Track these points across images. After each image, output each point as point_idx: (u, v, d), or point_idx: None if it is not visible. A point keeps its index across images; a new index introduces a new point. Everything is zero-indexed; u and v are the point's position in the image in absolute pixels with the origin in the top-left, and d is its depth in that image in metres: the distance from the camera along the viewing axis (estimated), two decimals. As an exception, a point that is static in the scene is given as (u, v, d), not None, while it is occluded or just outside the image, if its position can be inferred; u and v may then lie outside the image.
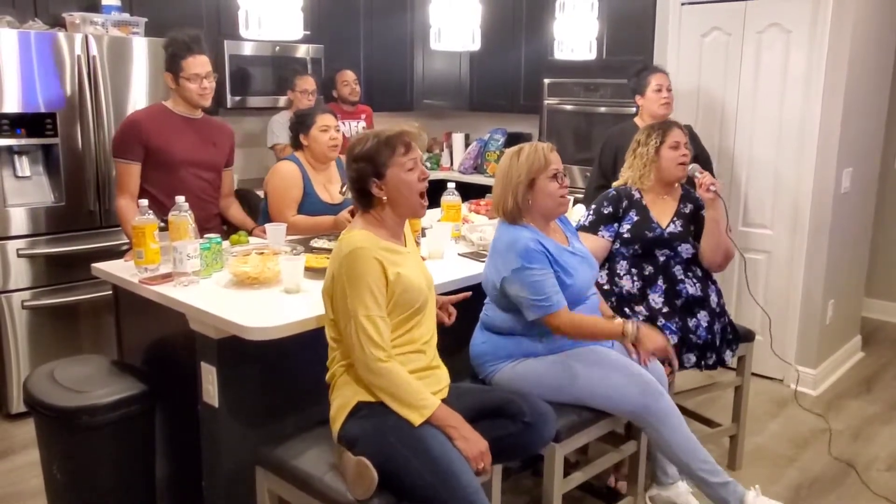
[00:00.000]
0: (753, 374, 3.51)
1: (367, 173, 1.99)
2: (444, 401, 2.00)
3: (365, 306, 1.89)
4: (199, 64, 2.89)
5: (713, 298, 2.75)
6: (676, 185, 2.83)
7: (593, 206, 2.84)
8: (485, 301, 2.46)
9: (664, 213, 2.78)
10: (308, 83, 4.35)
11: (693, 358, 2.65)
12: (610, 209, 2.78)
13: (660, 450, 2.36)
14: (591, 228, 2.78)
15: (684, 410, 3.05)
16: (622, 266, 2.75)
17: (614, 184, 2.90)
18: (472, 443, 1.92)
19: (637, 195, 2.79)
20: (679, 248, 2.73)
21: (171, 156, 2.92)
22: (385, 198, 2.00)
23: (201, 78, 2.90)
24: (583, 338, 2.31)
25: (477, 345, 2.44)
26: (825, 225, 3.76)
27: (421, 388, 1.94)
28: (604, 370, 2.30)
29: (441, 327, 2.20)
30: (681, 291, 2.69)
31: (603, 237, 2.76)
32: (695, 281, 2.72)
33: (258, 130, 4.55)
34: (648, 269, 2.72)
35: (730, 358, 2.77)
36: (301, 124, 3.17)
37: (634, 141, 2.84)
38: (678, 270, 2.72)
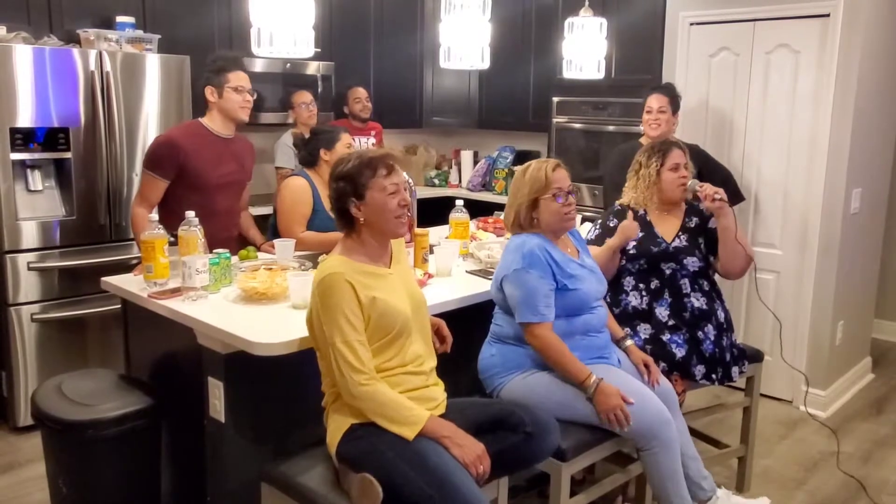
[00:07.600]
0: (762, 394, 3.49)
1: (346, 192, 1.99)
2: (444, 415, 2.00)
3: (341, 332, 1.88)
4: (244, 78, 2.97)
5: (719, 313, 2.74)
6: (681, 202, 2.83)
7: (599, 221, 2.86)
8: (493, 312, 2.47)
9: (669, 229, 2.78)
10: (304, 96, 4.40)
11: (703, 369, 2.63)
12: (615, 222, 2.78)
13: (650, 474, 2.34)
14: (598, 241, 2.78)
15: (692, 431, 3.03)
16: (629, 282, 2.75)
17: (619, 201, 2.89)
18: (467, 448, 1.91)
19: (641, 211, 2.80)
20: (685, 262, 2.72)
21: (208, 180, 2.92)
22: (363, 219, 2.00)
23: (246, 91, 2.96)
24: (552, 362, 2.29)
25: (486, 358, 2.44)
26: (834, 245, 3.75)
27: (408, 403, 1.93)
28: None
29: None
30: (687, 305, 2.69)
31: None
32: (700, 295, 2.71)
33: (267, 147, 4.57)
34: (655, 283, 2.72)
35: (737, 375, 2.74)
36: (327, 141, 3.19)
37: (636, 161, 2.85)
38: (685, 283, 2.71)
